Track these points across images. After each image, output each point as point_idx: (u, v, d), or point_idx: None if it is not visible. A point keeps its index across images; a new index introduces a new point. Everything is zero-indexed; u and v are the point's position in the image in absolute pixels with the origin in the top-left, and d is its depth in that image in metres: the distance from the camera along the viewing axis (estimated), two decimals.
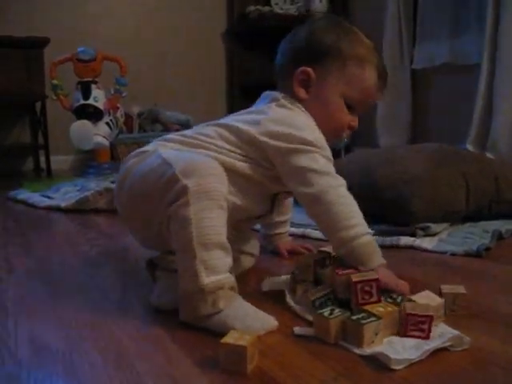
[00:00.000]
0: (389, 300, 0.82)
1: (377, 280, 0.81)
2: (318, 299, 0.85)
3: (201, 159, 0.89)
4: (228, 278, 0.84)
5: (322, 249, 1.01)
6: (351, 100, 1.03)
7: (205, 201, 0.83)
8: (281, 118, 1.00)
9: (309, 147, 0.95)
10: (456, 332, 0.77)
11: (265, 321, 0.82)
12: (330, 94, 1.03)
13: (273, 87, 1.09)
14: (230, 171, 0.93)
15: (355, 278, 0.83)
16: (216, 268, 0.83)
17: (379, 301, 0.81)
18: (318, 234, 1.44)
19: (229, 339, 0.70)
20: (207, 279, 0.81)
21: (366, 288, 0.81)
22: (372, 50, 1.06)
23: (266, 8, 3.96)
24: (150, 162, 0.93)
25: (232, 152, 0.98)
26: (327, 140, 1.02)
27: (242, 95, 4.11)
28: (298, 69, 1.03)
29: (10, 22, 3.53)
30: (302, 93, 1.04)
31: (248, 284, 1.05)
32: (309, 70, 1.03)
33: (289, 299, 0.92)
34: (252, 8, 3.92)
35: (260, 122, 0.99)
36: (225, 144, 0.99)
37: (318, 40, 1.04)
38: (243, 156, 0.98)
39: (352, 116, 1.05)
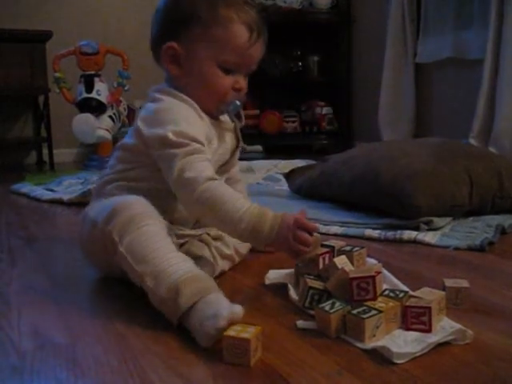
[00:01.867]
0: (391, 295, 0.82)
1: (374, 277, 0.81)
2: (314, 289, 0.85)
3: (113, 203, 0.93)
4: (184, 275, 0.81)
5: (326, 243, 1.01)
6: (226, 63, 1.00)
7: (128, 235, 0.87)
8: (147, 116, 0.99)
9: (170, 149, 0.94)
10: (459, 326, 0.77)
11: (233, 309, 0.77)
12: (201, 63, 0.99)
13: (275, 81, 1.08)
14: (145, 181, 0.99)
15: (352, 274, 0.83)
16: (161, 274, 0.82)
17: (375, 298, 0.80)
18: (321, 228, 1.44)
19: (232, 332, 0.70)
20: (162, 289, 0.80)
21: (363, 285, 0.81)
22: (237, 5, 1.00)
23: (269, 1, 3.94)
24: (87, 222, 1.00)
25: (131, 169, 1.02)
26: (214, 108, 1.02)
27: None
28: (163, 46, 1.00)
29: (13, 15, 3.53)
30: (174, 70, 1.01)
31: (250, 277, 1.05)
32: (173, 44, 0.99)
33: (292, 293, 0.92)
34: (255, 2, 3.90)
35: (136, 126, 1.00)
36: (122, 165, 1.04)
37: (174, 11, 1.00)
38: (142, 164, 1.01)
39: (234, 78, 1.01)
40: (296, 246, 0.88)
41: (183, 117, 0.96)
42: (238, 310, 0.74)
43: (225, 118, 1.08)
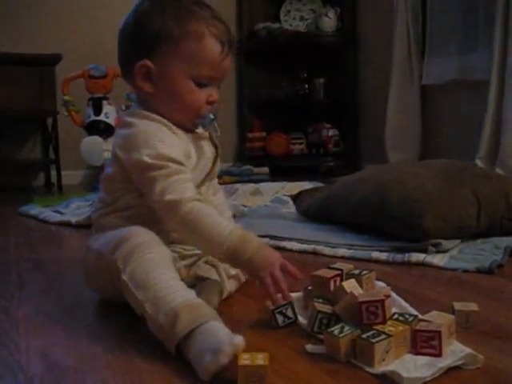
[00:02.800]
0: (400, 319, 0.81)
1: (383, 301, 0.80)
2: (323, 313, 0.85)
3: (118, 234, 0.94)
4: (183, 303, 0.80)
5: (334, 265, 1.00)
6: (200, 78, 1.00)
7: (131, 263, 0.87)
8: (122, 142, 0.99)
9: (148, 172, 0.94)
10: (469, 350, 0.76)
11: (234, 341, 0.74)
12: (175, 79, 0.99)
13: (281, 103, 1.09)
14: (135, 207, 1.00)
15: (361, 298, 0.82)
16: (161, 301, 0.81)
17: (384, 322, 0.79)
18: (329, 250, 1.44)
19: (245, 361, 0.69)
20: (160, 315, 0.80)
21: (372, 308, 0.81)
22: (206, 20, 0.99)
23: (276, 25, 3.99)
24: (91, 254, 1.01)
25: (119, 199, 1.02)
26: (189, 122, 1.02)
27: (251, 111, 4.14)
28: (135, 64, 0.99)
29: (23, 39, 3.58)
30: (147, 87, 1.00)
31: (257, 299, 1.04)
32: (146, 62, 0.98)
33: (300, 318, 0.92)
34: (261, 25, 3.95)
35: (113, 154, 1.01)
36: (109, 197, 1.04)
37: (144, 28, 0.99)
38: (127, 191, 1.01)
39: (208, 91, 1.01)
40: (269, 284, 0.89)
41: (157, 138, 0.96)
42: (240, 342, 0.72)
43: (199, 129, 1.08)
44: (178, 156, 0.96)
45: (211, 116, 1.04)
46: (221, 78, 1.03)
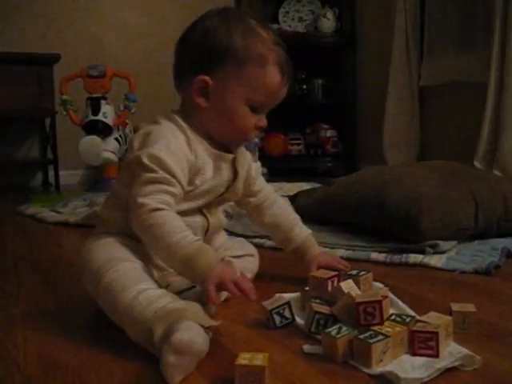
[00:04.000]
0: (397, 320, 0.82)
1: (380, 302, 0.81)
2: (320, 314, 0.85)
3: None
4: (154, 315, 0.79)
5: None
6: (255, 103, 0.99)
7: (98, 288, 0.88)
8: (140, 133, 0.98)
9: (139, 169, 0.92)
10: (466, 351, 0.76)
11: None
12: (231, 100, 0.98)
13: (280, 104, 1.08)
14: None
15: (358, 298, 0.82)
16: (134, 321, 0.81)
17: (382, 323, 0.79)
18: (327, 251, 1.43)
19: (243, 361, 0.70)
20: (140, 336, 0.80)
21: (369, 309, 0.81)
22: (271, 45, 0.98)
23: (274, 25, 3.99)
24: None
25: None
26: (235, 143, 1.02)
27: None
28: (195, 77, 0.97)
29: (21, 38, 3.58)
30: (201, 102, 0.98)
31: (255, 301, 1.04)
32: (206, 78, 0.97)
33: (297, 318, 0.92)
34: None
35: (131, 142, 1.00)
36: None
37: (210, 44, 0.97)
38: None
39: (258, 116, 1.01)
40: (214, 294, 0.85)
41: (166, 141, 0.94)
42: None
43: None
44: (175, 166, 0.93)
45: (256, 140, 1.04)
46: (273, 104, 1.03)
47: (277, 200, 1.19)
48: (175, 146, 0.95)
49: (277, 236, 1.20)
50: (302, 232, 1.18)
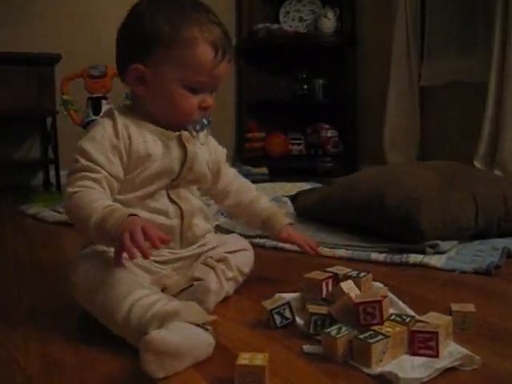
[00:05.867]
0: (397, 320, 0.82)
1: (380, 302, 0.81)
2: (316, 315, 0.85)
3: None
4: (147, 320, 0.80)
5: (330, 269, 1.00)
6: (192, 84, 0.98)
7: (92, 306, 0.90)
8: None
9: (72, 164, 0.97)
10: (466, 351, 0.76)
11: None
12: (167, 84, 0.98)
13: (280, 104, 1.08)
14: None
15: (357, 298, 0.82)
16: (128, 331, 0.82)
17: (382, 323, 0.80)
18: (327, 251, 1.44)
19: (243, 361, 0.70)
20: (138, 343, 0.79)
21: (369, 309, 0.81)
22: (201, 24, 0.97)
23: (275, 25, 3.99)
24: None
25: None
26: (180, 127, 1.02)
27: (250, 112, 4.14)
28: (129, 67, 0.99)
29: (22, 38, 3.58)
30: (139, 90, 1.00)
31: (255, 300, 1.04)
32: (139, 66, 0.98)
33: (297, 318, 0.92)
34: (261, 26, 3.95)
35: None
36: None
37: (137, 31, 0.98)
38: None
39: (201, 96, 1.00)
40: (125, 240, 0.81)
41: (92, 133, 0.98)
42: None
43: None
44: (96, 153, 0.95)
45: (204, 121, 1.04)
46: (214, 83, 1.02)
47: (238, 179, 1.22)
48: (100, 135, 0.97)
49: (243, 214, 1.23)
50: (268, 204, 1.23)
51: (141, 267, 0.96)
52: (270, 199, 2.34)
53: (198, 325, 0.78)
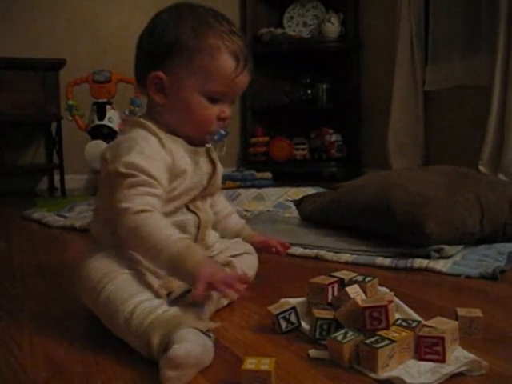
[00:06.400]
0: (403, 325, 0.81)
1: (386, 307, 0.80)
2: (322, 319, 0.85)
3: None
4: (150, 325, 0.79)
5: (335, 274, 1.00)
6: (212, 93, 0.98)
7: (95, 302, 0.89)
8: (111, 145, 0.98)
9: (117, 178, 0.92)
10: (473, 356, 0.76)
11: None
12: (187, 93, 0.97)
13: (284, 108, 1.08)
14: None
15: (364, 303, 0.82)
16: (131, 332, 0.82)
17: (388, 328, 0.79)
18: (332, 255, 1.44)
19: (250, 365, 0.69)
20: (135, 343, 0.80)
21: (375, 314, 0.81)
22: (223, 34, 0.97)
23: (279, 30, 4.00)
24: None
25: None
26: (198, 137, 1.01)
27: (254, 116, 4.14)
28: (148, 75, 0.98)
29: (27, 44, 3.60)
30: (158, 98, 0.99)
31: (260, 305, 1.04)
32: (159, 73, 0.97)
33: (303, 323, 0.92)
34: (265, 30, 3.96)
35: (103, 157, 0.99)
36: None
37: (160, 39, 0.98)
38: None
39: (220, 107, 1.00)
40: (201, 293, 0.84)
41: (139, 148, 0.94)
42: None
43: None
44: (153, 169, 0.93)
45: (222, 132, 1.02)
46: (234, 94, 1.02)
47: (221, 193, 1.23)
48: (149, 150, 0.95)
49: (219, 225, 1.22)
50: (240, 219, 1.28)
51: (151, 271, 0.96)
52: (275, 204, 2.35)
53: (201, 331, 0.78)
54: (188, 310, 0.84)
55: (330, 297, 0.95)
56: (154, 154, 0.95)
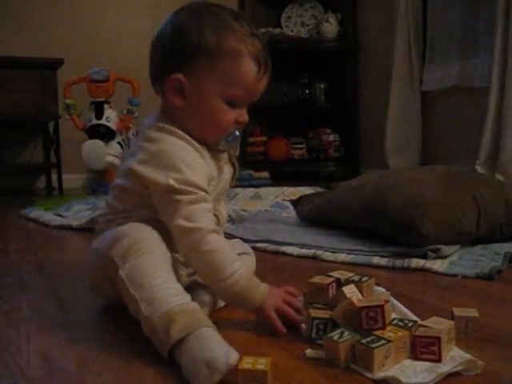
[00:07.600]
0: (400, 324, 0.82)
1: (382, 306, 0.81)
2: (318, 319, 0.85)
3: (115, 230, 0.95)
4: (178, 306, 0.81)
5: (331, 273, 1.00)
6: (232, 98, 0.96)
7: (129, 261, 0.87)
8: (146, 158, 0.94)
9: (173, 195, 0.91)
10: (469, 356, 0.76)
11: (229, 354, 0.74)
12: (207, 97, 0.95)
13: (282, 108, 1.08)
14: (147, 221, 0.96)
15: (360, 303, 0.82)
16: (156, 302, 0.82)
17: (384, 328, 0.79)
18: (329, 255, 1.44)
19: (246, 365, 0.70)
20: (154, 317, 0.80)
21: (371, 314, 0.81)
22: (245, 37, 0.94)
23: (277, 30, 4.00)
24: (91, 253, 1.02)
25: (131, 211, 1.00)
26: (214, 139, 0.99)
27: (252, 116, 4.13)
28: (168, 77, 0.95)
29: (25, 43, 3.59)
30: (177, 101, 0.96)
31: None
32: (179, 76, 0.94)
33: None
34: (263, 30, 3.96)
35: (131, 168, 0.96)
36: (121, 206, 1.02)
37: (180, 40, 0.94)
38: (142, 206, 0.99)
39: (237, 111, 0.98)
40: (275, 318, 0.90)
41: (184, 160, 0.93)
42: (235, 359, 0.72)
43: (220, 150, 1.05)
44: (203, 183, 0.93)
45: (236, 133, 1.01)
46: (253, 98, 1.00)
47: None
48: (194, 162, 0.94)
49: None
50: None
51: (179, 260, 0.98)
52: (272, 204, 2.35)
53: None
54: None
55: (330, 296, 0.95)
56: (199, 165, 0.95)
